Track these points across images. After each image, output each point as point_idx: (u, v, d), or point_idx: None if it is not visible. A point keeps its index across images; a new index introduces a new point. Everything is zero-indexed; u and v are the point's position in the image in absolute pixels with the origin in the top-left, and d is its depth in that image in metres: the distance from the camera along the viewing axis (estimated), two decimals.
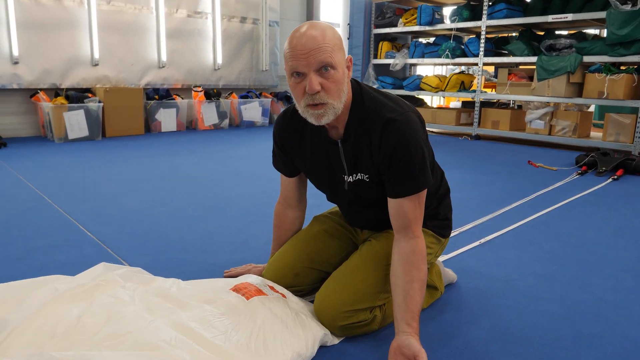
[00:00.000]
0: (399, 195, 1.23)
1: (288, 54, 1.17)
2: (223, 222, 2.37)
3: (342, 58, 1.20)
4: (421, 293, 1.20)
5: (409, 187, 1.22)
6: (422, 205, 1.26)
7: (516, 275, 1.79)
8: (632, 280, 1.77)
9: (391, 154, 1.21)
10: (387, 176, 1.25)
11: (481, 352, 1.28)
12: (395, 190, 1.24)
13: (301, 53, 1.14)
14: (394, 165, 1.22)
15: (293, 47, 1.15)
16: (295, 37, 1.16)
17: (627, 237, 2.26)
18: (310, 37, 1.14)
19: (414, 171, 1.21)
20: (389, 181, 1.25)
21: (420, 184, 1.22)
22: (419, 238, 1.23)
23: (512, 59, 5.36)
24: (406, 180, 1.22)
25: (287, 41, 1.19)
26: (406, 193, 1.22)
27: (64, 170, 3.47)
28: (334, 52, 1.16)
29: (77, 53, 5.23)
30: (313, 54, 1.13)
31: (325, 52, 1.14)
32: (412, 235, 1.23)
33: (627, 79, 4.50)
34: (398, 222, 1.25)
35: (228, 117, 6.43)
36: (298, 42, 1.15)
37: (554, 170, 3.87)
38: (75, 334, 1.01)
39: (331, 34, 1.17)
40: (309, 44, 1.13)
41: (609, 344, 1.33)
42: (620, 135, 4.66)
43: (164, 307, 1.17)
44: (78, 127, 4.93)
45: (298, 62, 1.15)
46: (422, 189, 1.23)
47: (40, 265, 1.80)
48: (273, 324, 1.17)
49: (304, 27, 1.18)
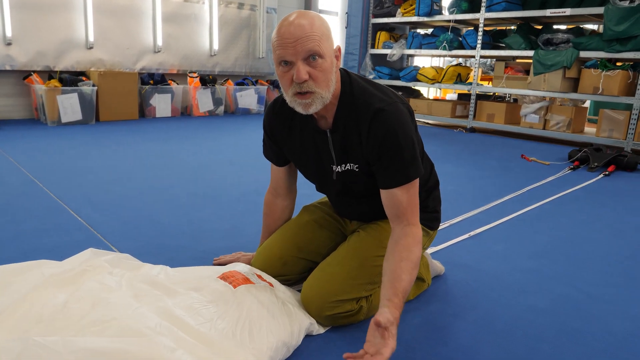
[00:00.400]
0: (390, 186, 1.23)
1: (276, 42, 1.16)
2: (214, 209, 2.37)
3: (330, 47, 1.19)
4: (409, 274, 1.17)
5: (399, 177, 1.22)
6: (416, 194, 1.25)
7: (504, 269, 1.81)
8: (619, 276, 1.79)
9: (380, 145, 1.21)
10: (377, 167, 1.25)
11: (465, 344, 1.29)
12: (386, 181, 1.24)
13: (289, 42, 1.13)
14: (384, 155, 1.22)
15: (281, 35, 1.15)
16: (284, 25, 1.15)
17: (616, 233, 2.28)
18: (298, 26, 1.13)
19: (403, 161, 1.21)
20: (379, 172, 1.25)
21: (410, 173, 1.22)
22: (413, 225, 1.23)
23: (509, 52, 5.35)
24: (396, 170, 1.22)
25: (275, 30, 1.18)
26: (397, 183, 1.22)
27: (57, 154, 3.45)
28: (322, 41, 1.15)
29: (71, 35, 5.17)
30: (301, 42, 1.13)
31: (313, 41, 1.13)
32: (407, 222, 1.22)
33: (623, 76, 4.50)
34: (391, 212, 1.25)
35: (223, 104, 6.40)
36: (286, 30, 1.14)
37: (547, 165, 3.88)
38: (61, 319, 1.01)
39: (319, 23, 1.17)
40: (297, 32, 1.13)
41: (592, 338, 1.35)
42: (613, 132, 4.68)
43: (151, 293, 1.18)
44: (71, 110, 4.89)
45: (285, 50, 1.14)
46: (413, 178, 1.23)
47: (28, 249, 1.79)
48: (259, 313, 1.18)
49: (292, 16, 1.17)
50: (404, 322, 1.38)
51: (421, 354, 1.24)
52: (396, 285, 1.14)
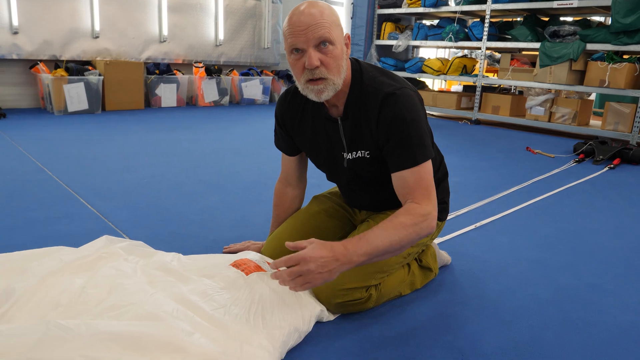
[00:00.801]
0: (399, 168, 1.24)
1: (287, 31, 1.19)
2: (223, 198, 2.39)
3: (340, 35, 1.22)
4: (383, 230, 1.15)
5: (407, 159, 1.23)
6: (425, 177, 1.24)
7: (509, 260, 1.83)
8: (623, 268, 1.81)
9: (389, 127, 1.23)
10: (386, 150, 1.26)
11: (471, 332, 1.32)
12: (394, 163, 1.25)
13: (300, 29, 1.16)
14: (392, 137, 1.24)
15: (292, 24, 1.17)
16: (294, 15, 1.18)
17: (620, 226, 2.30)
18: (308, 15, 1.16)
19: (411, 143, 1.22)
20: (388, 155, 1.27)
21: (418, 155, 1.23)
22: (417, 203, 1.21)
23: (515, 44, 5.33)
24: (404, 153, 1.23)
25: (285, 20, 1.21)
26: (405, 165, 1.23)
27: (64, 143, 3.48)
28: (332, 29, 1.17)
29: (77, 25, 5.18)
30: (311, 29, 1.15)
31: (323, 28, 1.16)
32: (411, 201, 1.22)
33: (629, 68, 4.49)
34: (400, 193, 1.26)
35: (228, 94, 6.41)
36: (297, 19, 1.17)
37: (552, 158, 3.89)
38: (79, 304, 1.04)
39: (329, 12, 1.20)
40: (307, 20, 1.16)
41: (596, 328, 1.38)
42: (619, 125, 4.67)
43: (165, 280, 1.20)
44: (78, 99, 4.91)
45: (297, 38, 1.17)
46: (421, 161, 1.23)
47: (40, 236, 1.82)
48: (271, 299, 1.20)
49: (302, 5, 1.20)
50: (411, 310, 1.41)
51: (429, 341, 1.27)
52: (365, 232, 1.16)
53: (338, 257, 1.10)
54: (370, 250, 1.13)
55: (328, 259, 1.08)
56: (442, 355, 1.21)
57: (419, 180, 1.23)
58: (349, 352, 1.19)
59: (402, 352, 1.21)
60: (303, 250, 1.09)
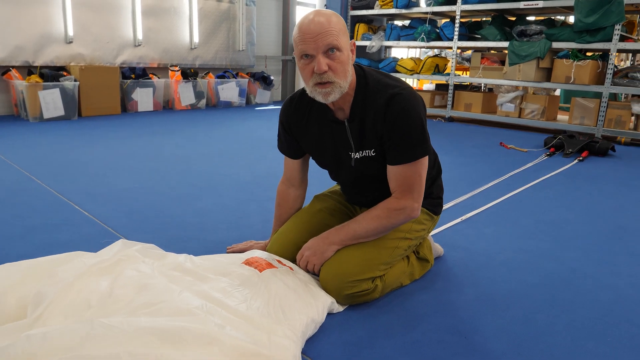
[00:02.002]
0: (396, 162, 1.35)
1: (298, 38, 1.27)
2: (217, 200, 2.44)
3: (347, 42, 1.31)
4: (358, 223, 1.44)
5: (406, 155, 1.33)
6: (417, 174, 1.37)
7: (496, 249, 1.95)
8: (600, 252, 1.96)
9: (393, 123, 1.33)
10: (388, 144, 1.36)
11: (470, 316, 1.43)
12: (393, 157, 1.36)
13: (310, 37, 1.24)
14: (395, 133, 1.33)
15: (302, 32, 1.26)
16: (304, 23, 1.27)
17: (593, 214, 2.46)
18: (317, 23, 1.25)
19: (411, 140, 1.33)
20: (389, 149, 1.37)
21: (417, 152, 1.33)
22: (397, 199, 1.39)
23: (485, 44, 5.53)
24: (404, 148, 1.34)
25: (296, 27, 1.30)
26: (402, 161, 1.34)
27: (46, 150, 3.44)
28: (339, 36, 1.27)
29: (50, 30, 5.09)
30: (320, 37, 1.24)
31: (331, 36, 1.25)
32: (395, 196, 1.39)
33: (593, 65, 4.73)
34: (391, 186, 1.41)
35: (205, 97, 6.41)
36: (307, 27, 1.26)
37: (525, 152, 4.08)
38: (110, 304, 1.09)
39: (336, 20, 1.29)
40: (317, 28, 1.25)
41: (581, 307, 1.51)
42: (585, 119, 4.92)
43: (184, 279, 1.26)
44: (54, 106, 4.84)
45: (307, 45, 1.25)
46: (419, 157, 1.34)
47: (42, 243, 1.84)
48: (287, 293, 1.28)
49: (311, 14, 1.29)
50: (412, 298, 1.51)
51: (431, 326, 1.37)
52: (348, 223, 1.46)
53: (324, 240, 1.45)
54: (350, 236, 1.44)
55: (316, 244, 1.45)
56: (446, 338, 1.31)
57: (409, 178, 1.36)
58: (361, 341, 1.28)
59: (410, 338, 1.30)
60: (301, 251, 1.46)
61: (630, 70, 4.68)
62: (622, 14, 4.43)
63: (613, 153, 4.10)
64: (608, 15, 4.46)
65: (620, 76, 4.68)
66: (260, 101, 7.17)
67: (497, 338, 1.32)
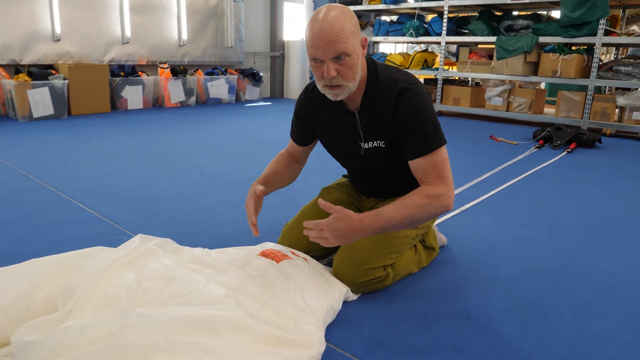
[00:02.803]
0: (416, 156, 1.39)
1: (308, 42, 1.30)
2: (220, 197, 2.47)
3: (357, 42, 1.33)
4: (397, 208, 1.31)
5: (422, 148, 1.38)
6: (440, 162, 1.38)
7: (496, 238, 2.02)
8: (595, 239, 2.04)
9: (404, 119, 1.37)
10: (403, 140, 1.41)
11: (478, 301, 1.48)
12: (411, 151, 1.40)
13: (320, 44, 1.27)
14: (408, 128, 1.38)
15: (312, 36, 1.28)
16: (315, 25, 1.28)
17: (584, 203, 2.55)
18: (327, 29, 1.26)
19: (426, 133, 1.37)
20: (404, 145, 1.41)
21: (432, 144, 1.37)
22: (431, 185, 1.36)
23: (473, 39, 5.61)
24: (420, 142, 1.38)
25: (307, 28, 1.31)
26: (421, 153, 1.38)
27: (40, 149, 3.42)
28: (349, 40, 1.28)
29: (37, 28, 5.03)
30: (330, 45, 1.27)
31: (341, 43, 1.27)
32: (426, 183, 1.38)
33: (578, 59, 4.85)
34: (418, 178, 1.41)
35: (195, 95, 6.39)
36: (317, 32, 1.27)
37: (515, 144, 4.17)
38: (139, 296, 1.12)
39: (347, 22, 1.29)
40: (327, 35, 1.26)
41: (581, 291, 1.58)
42: (571, 112, 5.04)
43: (205, 272, 1.29)
44: (43, 105, 4.79)
45: (317, 51, 1.29)
46: (436, 147, 1.38)
47: (52, 241, 1.85)
48: (305, 283, 1.32)
49: (321, 12, 1.29)
50: (421, 285, 1.56)
51: (442, 311, 1.42)
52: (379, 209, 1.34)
53: (355, 228, 1.29)
54: (384, 225, 1.31)
55: (343, 230, 1.27)
56: (458, 322, 1.37)
57: (433, 165, 1.38)
58: (378, 327, 1.32)
59: (423, 324, 1.35)
60: (325, 220, 1.27)
61: (614, 64, 4.81)
62: (606, 8, 4.55)
63: (600, 144, 4.22)
64: (593, 9, 4.57)
65: (605, 69, 4.80)
66: (249, 98, 7.17)
67: (506, 321, 1.38)
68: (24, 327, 1.01)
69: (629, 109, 4.68)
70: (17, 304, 1.10)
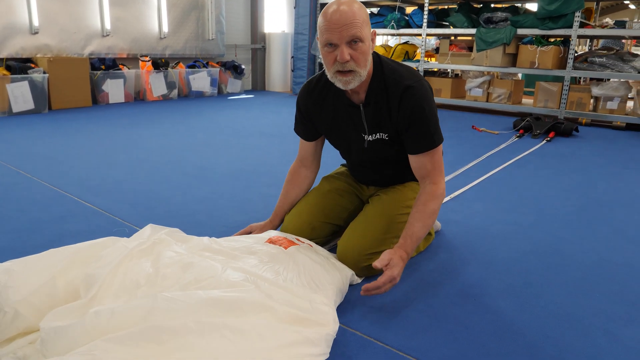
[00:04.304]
0: (418, 152, 1.48)
1: (323, 26, 1.35)
2: (215, 188, 2.50)
3: (369, 32, 1.39)
4: (421, 221, 1.43)
5: (426, 144, 1.46)
6: (440, 158, 1.50)
7: (487, 223, 2.11)
8: (578, 222, 2.15)
9: (409, 117, 1.44)
10: (406, 136, 1.48)
11: (475, 281, 1.57)
12: (414, 148, 1.48)
13: (335, 27, 1.32)
14: (412, 126, 1.45)
15: (328, 20, 1.33)
16: (330, 12, 1.34)
17: (567, 188, 2.67)
18: (343, 13, 1.32)
19: (429, 131, 1.45)
20: (408, 140, 1.48)
21: (435, 141, 1.47)
22: (435, 184, 1.49)
23: (453, 31, 5.72)
24: (423, 139, 1.46)
25: (321, 15, 1.37)
26: (424, 149, 1.47)
27: (24, 144, 3.38)
28: (363, 27, 1.35)
29: (14, 20, 4.92)
30: (346, 28, 1.32)
31: (355, 27, 1.33)
32: (430, 181, 1.49)
33: (555, 51, 5.00)
34: (419, 173, 1.51)
35: (177, 88, 6.34)
36: (332, 16, 1.33)
37: (496, 134, 4.29)
38: (159, 282, 1.15)
39: (360, 10, 1.36)
40: (342, 19, 1.32)
41: (570, 269, 1.68)
42: (548, 102, 5.20)
43: (217, 259, 1.34)
44: (23, 99, 4.70)
45: (332, 34, 1.33)
46: (437, 144, 1.48)
47: (56, 235, 1.86)
48: (314, 267, 1.37)
49: (335, 3, 1.36)
50: (421, 268, 1.64)
51: (443, 291, 1.50)
52: (407, 231, 1.43)
53: (404, 259, 1.38)
54: (417, 240, 1.44)
55: (400, 267, 1.35)
56: (458, 301, 1.45)
57: (435, 162, 1.48)
58: (385, 308, 1.39)
59: (426, 304, 1.43)
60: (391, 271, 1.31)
61: (589, 55, 4.98)
62: (581, 1, 4.70)
63: (576, 133, 4.38)
64: (569, 2, 4.71)
65: (580, 61, 4.96)
66: (231, 90, 7.15)
67: (503, 298, 1.47)
68: (52, 314, 1.04)
69: (603, 99, 4.86)
70: (39, 292, 1.13)
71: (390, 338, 1.25)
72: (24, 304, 1.10)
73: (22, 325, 1.09)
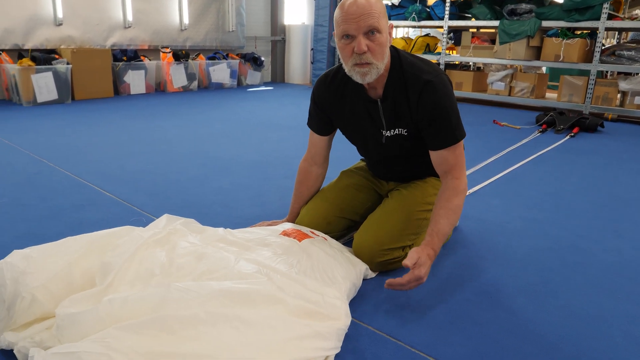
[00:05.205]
0: (439, 147, 1.45)
1: (340, 18, 1.33)
2: (232, 180, 2.51)
3: (386, 24, 1.37)
4: (447, 218, 1.40)
5: (447, 140, 1.44)
6: (461, 153, 1.48)
7: (505, 219, 2.07)
8: (600, 220, 2.10)
9: (430, 112, 1.41)
10: (427, 132, 1.45)
11: (492, 278, 1.54)
12: (435, 143, 1.45)
13: (352, 18, 1.30)
14: (433, 122, 1.42)
15: (345, 12, 1.32)
16: (347, 4, 1.32)
17: (589, 186, 2.61)
18: (360, 4, 1.31)
19: (451, 126, 1.42)
20: (429, 136, 1.46)
21: (456, 136, 1.44)
22: (457, 179, 1.46)
23: (476, 23, 5.61)
24: (445, 134, 1.43)
25: (338, 8, 1.35)
26: (446, 145, 1.44)
27: (48, 134, 3.44)
28: (380, 18, 1.33)
29: (39, 12, 5.01)
30: (363, 18, 1.30)
31: (373, 18, 1.31)
32: (452, 176, 1.46)
33: (581, 44, 4.87)
34: (440, 169, 1.48)
35: (197, 79, 6.38)
36: (350, 8, 1.31)
37: (518, 129, 4.21)
38: (173, 273, 1.16)
39: (377, 2, 1.34)
40: (359, 10, 1.30)
41: (589, 267, 1.64)
42: (573, 96, 5.07)
43: (232, 250, 1.34)
44: (47, 89, 4.79)
45: (349, 25, 1.31)
46: (459, 140, 1.45)
47: (75, 222, 1.90)
48: (327, 260, 1.37)
49: None
50: (439, 265, 1.61)
51: (460, 288, 1.48)
52: (433, 228, 1.39)
53: (431, 258, 1.34)
54: (443, 237, 1.40)
55: (428, 266, 1.31)
56: (474, 298, 1.42)
57: (457, 157, 1.46)
58: (399, 303, 1.38)
59: (441, 299, 1.41)
60: (418, 270, 1.27)
61: (617, 48, 4.83)
62: None
63: (602, 129, 4.26)
64: None
65: (608, 54, 4.82)
66: (251, 82, 7.17)
67: (519, 296, 1.44)
68: (68, 301, 1.06)
69: (631, 94, 4.72)
70: (56, 279, 1.15)
71: (403, 334, 1.24)
72: (42, 290, 1.12)
73: (39, 311, 1.11)
